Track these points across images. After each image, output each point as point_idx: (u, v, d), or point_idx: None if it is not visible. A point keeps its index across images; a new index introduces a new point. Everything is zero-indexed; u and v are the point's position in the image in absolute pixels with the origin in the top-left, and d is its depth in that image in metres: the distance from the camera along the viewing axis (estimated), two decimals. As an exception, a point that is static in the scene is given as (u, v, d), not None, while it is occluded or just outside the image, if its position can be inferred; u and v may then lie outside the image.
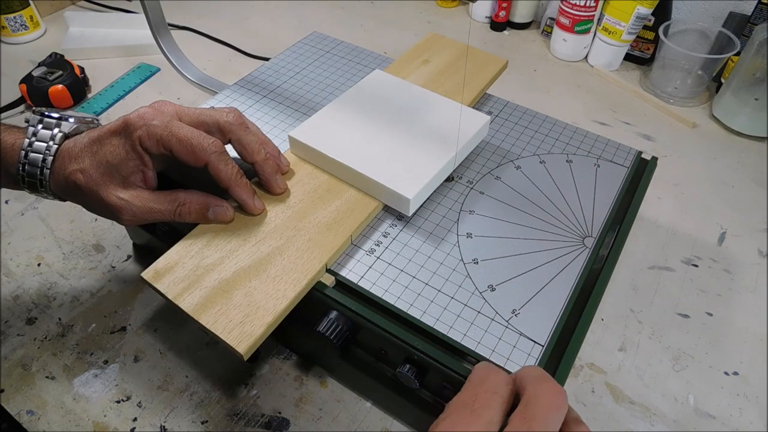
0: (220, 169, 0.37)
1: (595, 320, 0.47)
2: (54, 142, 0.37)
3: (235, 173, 0.38)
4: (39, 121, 0.38)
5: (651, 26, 0.78)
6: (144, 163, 0.37)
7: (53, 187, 0.38)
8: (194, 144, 0.36)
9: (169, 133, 0.36)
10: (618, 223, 0.43)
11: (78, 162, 0.37)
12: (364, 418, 0.43)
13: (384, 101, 0.47)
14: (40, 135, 0.37)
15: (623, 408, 0.44)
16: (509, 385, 0.28)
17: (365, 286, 0.37)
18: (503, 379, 0.28)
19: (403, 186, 0.39)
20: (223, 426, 0.42)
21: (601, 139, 0.50)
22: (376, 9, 0.95)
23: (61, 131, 0.38)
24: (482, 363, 0.31)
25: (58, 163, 0.37)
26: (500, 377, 0.29)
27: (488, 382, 0.28)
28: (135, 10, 0.89)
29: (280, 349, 0.47)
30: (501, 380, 0.28)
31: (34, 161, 0.37)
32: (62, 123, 0.38)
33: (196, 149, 0.36)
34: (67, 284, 0.51)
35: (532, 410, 0.26)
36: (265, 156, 0.40)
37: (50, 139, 0.37)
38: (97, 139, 0.37)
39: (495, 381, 0.28)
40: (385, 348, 0.38)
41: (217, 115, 0.39)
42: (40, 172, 0.37)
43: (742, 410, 0.44)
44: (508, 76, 0.55)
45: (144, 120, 0.36)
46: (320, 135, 0.43)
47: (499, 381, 0.28)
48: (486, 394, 0.27)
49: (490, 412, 0.27)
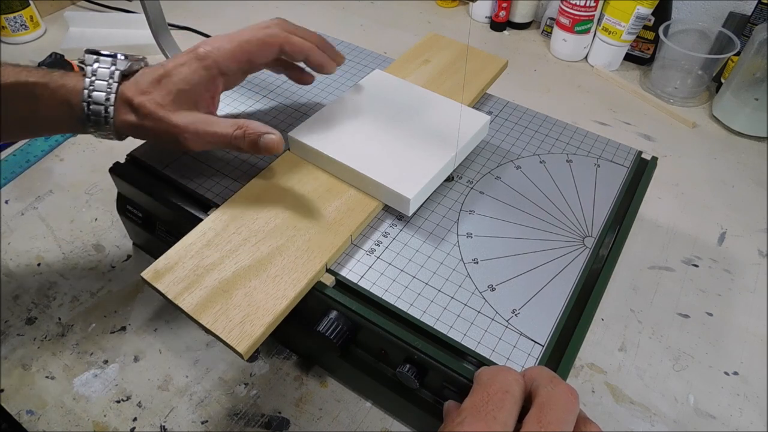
0: (294, 41, 0.41)
1: (595, 320, 0.47)
2: (113, 80, 0.39)
3: (304, 40, 0.42)
4: (95, 60, 0.39)
5: (651, 26, 0.78)
6: (215, 86, 0.41)
7: (117, 123, 0.40)
8: (261, 37, 0.40)
9: (237, 44, 0.40)
10: (618, 223, 0.43)
11: (146, 95, 0.39)
12: (364, 418, 0.43)
13: (384, 101, 0.47)
14: (99, 73, 0.39)
15: (623, 408, 0.44)
16: (520, 384, 0.28)
17: (365, 286, 0.37)
18: (514, 377, 0.28)
19: (403, 186, 0.39)
20: (223, 426, 0.42)
21: (601, 139, 0.50)
22: (376, 9, 0.95)
23: (118, 69, 0.39)
24: (486, 367, 0.31)
25: (122, 99, 0.39)
26: (511, 376, 0.28)
27: (498, 381, 0.28)
28: (135, 10, 0.89)
29: (280, 349, 0.47)
30: (512, 379, 0.28)
31: (97, 99, 0.38)
32: (117, 61, 0.40)
33: (265, 39, 0.40)
34: (67, 284, 0.51)
35: (547, 414, 0.26)
36: (313, 42, 0.43)
37: (109, 77, 0.39)
38: (166, 74, 0.39)
39: (505, 380, 0.28)
40: (385, 348, 0.38)
41: (260, 32, 0.42)
42: (105, 110, 0.39)
43: (742, 410, 0.44)
44: (508, 76, 0.55)
45: (212, 45, 0.40)
46: (320, 135, 0.43)
47: (510, 380, 0.28)
48: (498, 394, 0.27)
49: (503, 414, 0.26)
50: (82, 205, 0.58)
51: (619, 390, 0.45)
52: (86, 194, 0.59)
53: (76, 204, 0.58)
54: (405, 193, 0.39)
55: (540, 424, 0.26)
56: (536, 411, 0.26)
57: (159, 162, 0.45)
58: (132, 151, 0.46)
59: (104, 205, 0.58)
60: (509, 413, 0.27)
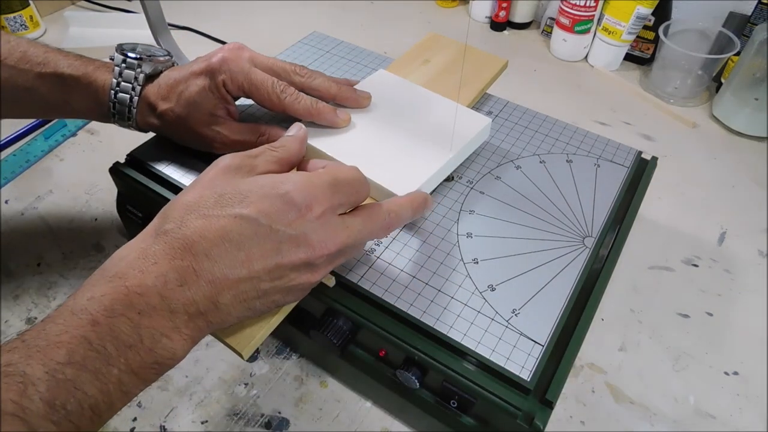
0: (296, 108, 0.41)
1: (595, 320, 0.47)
2: (137, 83, 0.41)
3: (310, 104, 0.41)
4: (123, 61, 0.41)
5: (651, 26, 0.78)
6: (227, 101, 0.42)
7: (139, 122, 0.43)
8: (269, 91, 0.40)
9: (249, 81, 0.40)
10: (618, 223, 0.43)
11: (167, 102, 0.41)
12: (364, 418, 0.43)
13: (386, 101, 0.46)
14: (125, 75, 0.41)
15: (623, 408, 0.44)
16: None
17: (365, 286, 0.37)
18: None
19: (399, 186, 0.39)
20: (223, 426, 0.42)
21: (601, 139, 0.50)
22: (376, 9, 0.95)
23: (143, 71, 0.41)
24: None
25: (145, 102, 0.42)
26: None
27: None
28: (135, 10, 0.89)
29: (280, 349, 0.47)
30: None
31: (122, 100, 0.42)
32: (143, 64, 0.41)
33: (271, 96, 0.40)
34: (67, 284, 0.51)
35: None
36: (338, 88, 0.44)
37: (134, 79, 0.41)
38: (182, 80, 0.41)
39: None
40: (385, 348, 0.38)
41: (288, 66, 0.43)
42: (128, 110, 0.42)
43: (742, 410, 0.44)
44: (508, 76, 0.55)
45: (227, 65, 0.40)
46: (319, 132, 0.43)
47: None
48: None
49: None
50: (82, 205, 0.58)
51: (619, 390, 0.45)
52: (86, 194, 0.59)
53: (76, 204, 0.58)
54: (399, 193, 0.38)
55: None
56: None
57: (159, 162, 0.45)
58: (132, 151, 0.46)
59: (104, 205, 0.58)
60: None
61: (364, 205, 0.33)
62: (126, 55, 0.41)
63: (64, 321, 0.25)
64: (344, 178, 0.32)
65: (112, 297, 0.25)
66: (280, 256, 0.29)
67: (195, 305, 0.27)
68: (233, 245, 0.28)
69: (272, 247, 0.28)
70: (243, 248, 0.28)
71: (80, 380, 0.24)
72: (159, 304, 0.26)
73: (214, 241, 0.27)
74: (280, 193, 0.29)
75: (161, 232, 0.28)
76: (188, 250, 0.27)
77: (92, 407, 0.24)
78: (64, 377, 0.23)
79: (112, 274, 0.26)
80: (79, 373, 0.24)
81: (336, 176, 0.31)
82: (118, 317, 0.25)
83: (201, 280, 0.27)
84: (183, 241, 0.27)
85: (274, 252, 0.29)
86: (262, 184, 0.30)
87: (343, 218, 0.31)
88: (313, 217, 0.29)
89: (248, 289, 0.28)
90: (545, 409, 0.33)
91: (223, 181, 0.30)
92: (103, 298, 0.25)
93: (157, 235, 0.28)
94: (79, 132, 0.67)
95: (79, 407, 0.24)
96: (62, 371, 0.23)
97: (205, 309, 0.28)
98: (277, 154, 0.33)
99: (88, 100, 0.42)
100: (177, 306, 0.27)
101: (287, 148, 0.34)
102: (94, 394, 0.24)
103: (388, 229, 0.34)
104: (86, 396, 0.24)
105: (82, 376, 0.24)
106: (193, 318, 0.27)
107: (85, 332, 0.24)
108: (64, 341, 0.24)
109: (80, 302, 0.25)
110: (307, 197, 0.29)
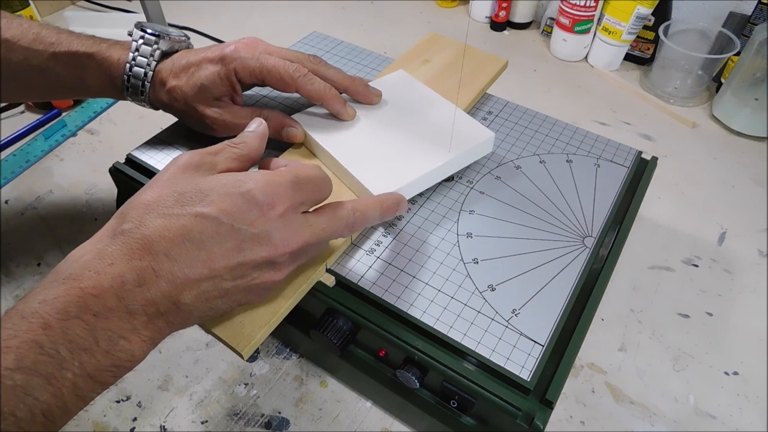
0: (309, 89, 0.41)
1: (595, 320, 0.47)
2: (153, 59, 0.42)
3: (324, 87, 0.42)
4: (141, 36, 0.42)
5: (651, 26, 0.78)
6: (235, 90, 0.42)
7: (151, 97, 0.43)
8: (282, 72, 0.41)
9: (261, 65, 0.41)
10: (618, 223, 0.43)
11: (177, 80, 0.42)
12: (364, 418, 0.43)
13: (395, 101, 0.46)
14: (142, 51, 0.42)
15: (623, 408, 0.44)
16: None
17: (365, 286, 0.37)
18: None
19: (376, 185, 0.38)
20: (223, 426, 0.42)
21: (601, 139, 0.50)
22: (376, 9, 0.95)
23: (159, 48, 0.42)
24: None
25: (158, 78, 0.42)
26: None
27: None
28: (135, 10, 0.89)
29: (280, 349, 0.47)
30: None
31: (137, 75, 0.42)
32: (160, 41, 0.42)
33: (284, 76, 0.41)
34: (67, 284, 0.51)
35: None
36: (351, 80, 0.44)
37: (150, 55, 0.42)
38: (195, 63, 0.41)
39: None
40: (385, 348, 0.38)
41: (301, 55, 0.43)
42: (141, 84, 0.42)
43: (742, 410, 0.44)
44: (508, 76, 0.55)
45: (239, 53, 0.41)
46: (319, 123, 0.44)
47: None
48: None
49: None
50: (82, 205, 0.58)
51: (619, 390, 0.45)
52: (86, 194, 0.59)
53: (76, 204, 0.58)
54: (374, 192, 0.38)
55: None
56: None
57: (158, 162, 0.45)
58: (131, 151, 0.47)
59: (104, 205, 0.58)
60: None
61: (328, 203, 0.33)
62: (145, 30, 0.42)
63: (12, 325, 0.24)
64: (306, 176, 0.32)
65: (65, 299, 0.24)
66: (242, 255, 0.28)
67: (155, 306, 0.26)
68: (194, 244, 0.27)
69: (234, 245, 0.28)
70: (204, 247, 0.27)
71: (31, 385, 0.23)
72: (116, 305, 0.25)
73: (174, 240, 0.27)
74: (242, 191, 0.29)
75: (118, 232, 0.27)
76: (147, 250, 0.26)
77: (44, 413, 0.23)
78: (12, 383, 0.22)
79: (65, 275, 0.26)
80: (29, 378, 0.23)
81: (298, 174, 0.31)
82: (71, 320, 0.24)
83: (161, 281, 0.26)
84: (142, 241, 0.27)
85: (236, 251, 0.28)
86: (224, 182, 0.29)
87: (305, 216, 0.31)
88: (276, 216, 0.29)
89: (210, 288, 0.28)
90: (545, 409, 0.33)
91: (183, 180, 0.29)
92: (56, 300, 0.24)
93: (114, 236, 0.27)
94: (79, 132, 0.67)
95: (29, 413, 0.23)
96: (11, 377, 0.22)
97: (166, 309, 0.27)
98: (238, 150, 0.32)
99: (102, 77, 0.43)
100: (135, 307, 0.26)
101: (248, 144, 0.33)
102: (46, 400, 0.23)
103: (352, 228, 0.33)
104: (38, 402, 0.23)
105: (33, 381, 0.23)
106: (153, 319, 0.27)
107: (36, 336, 0.23)
108: (12, 346, 0.23)
109: (31, 305, 0.24)
110: (269, 196, 0.29)
